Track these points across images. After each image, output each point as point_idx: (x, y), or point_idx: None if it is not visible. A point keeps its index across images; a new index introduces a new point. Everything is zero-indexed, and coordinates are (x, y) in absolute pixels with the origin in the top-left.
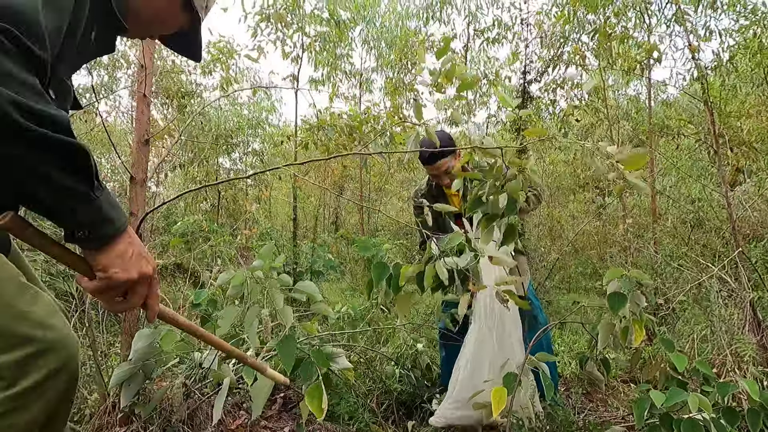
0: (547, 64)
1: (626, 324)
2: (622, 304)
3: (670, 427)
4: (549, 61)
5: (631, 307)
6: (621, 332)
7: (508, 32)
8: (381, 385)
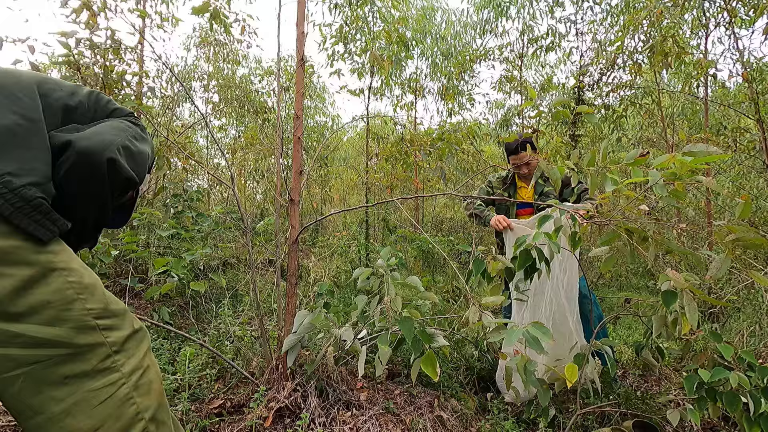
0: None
1: (676, 316)
2: (673, 300)
3: (714, 399)
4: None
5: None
6: (671, 323)
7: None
8: (464, 363)
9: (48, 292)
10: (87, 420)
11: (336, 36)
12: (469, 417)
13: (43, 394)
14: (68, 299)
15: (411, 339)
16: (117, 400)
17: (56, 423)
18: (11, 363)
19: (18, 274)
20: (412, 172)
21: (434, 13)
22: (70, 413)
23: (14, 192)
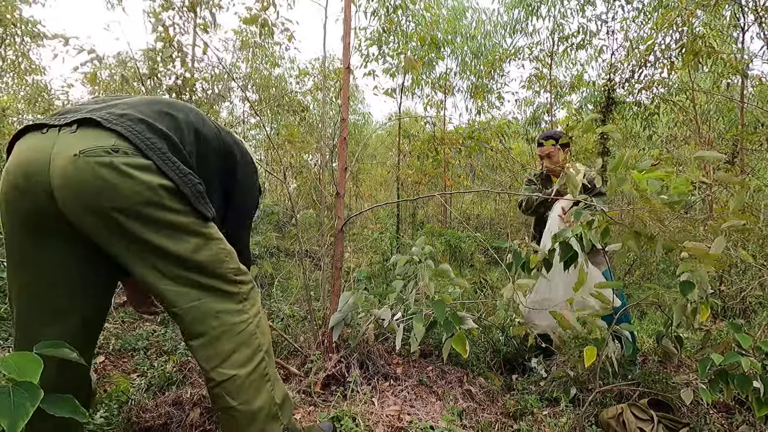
0: (632, 70)
1: (694, 306)
2: (690, 289)
3: (726, 381)
4: (635, 67)
5: (699, 292)
6: (690, 312)
7: (593, 38)
8: (491, 346)
9: (209, 254)
10: (229, 344)
11: (371, 39)
12: (496, 393)
13: (205, 322)
14: (220, 259)
15: (443, 320)
16: (247, 334)
17: (211, 343)
18: (188, 297)
19: (193, 241)
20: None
21: (464, 13)
22: (219, 338)
23: (194, 185)
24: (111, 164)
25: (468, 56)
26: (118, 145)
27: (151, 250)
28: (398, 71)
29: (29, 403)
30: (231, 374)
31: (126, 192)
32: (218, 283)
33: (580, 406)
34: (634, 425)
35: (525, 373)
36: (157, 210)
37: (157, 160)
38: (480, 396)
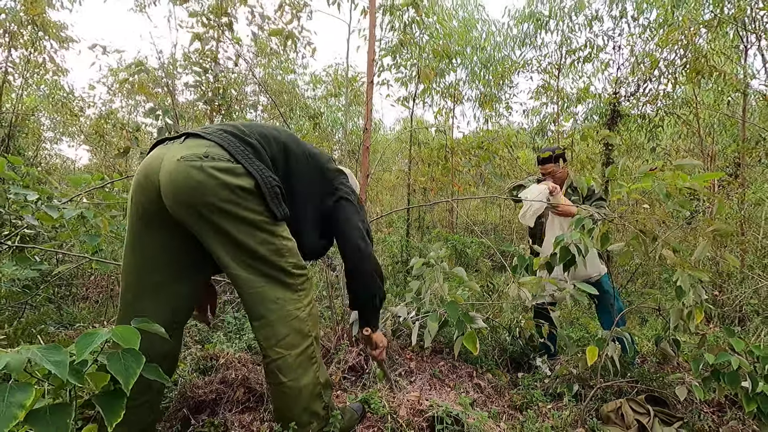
0: (637, 84)
1: (690, 309)
2: (684, 293)
3: (718, 379)
4: (639, 80)
5: (694, 297)
6: (686, 315)
7: (600, 53)
8: (499, 346)
9: (273, 248)
10: (284, 328)
11: (386, 49)
12: (503, 387)
13: (265, 306)
14: (282, 253)
15: (455, 319)
16: (300, 320)
17: (269, 325)
18: (253, 283)
19: (260, 235)
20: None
21: (475, 25)
22: (276, 321)
23: (272, 186)
24: (201, 168)
25: (477, 66)
26: (210, 152)
27: (229, 240)
28: (411, 80)
29: (135, 365)
30: (284, 354)
31: (210, 190)
32: (279, 274)
33: (582, 401)
34: (632, 418)
35: (530, 370)
36: (235, 206)
37: (244, 162)
38: (488, 390)
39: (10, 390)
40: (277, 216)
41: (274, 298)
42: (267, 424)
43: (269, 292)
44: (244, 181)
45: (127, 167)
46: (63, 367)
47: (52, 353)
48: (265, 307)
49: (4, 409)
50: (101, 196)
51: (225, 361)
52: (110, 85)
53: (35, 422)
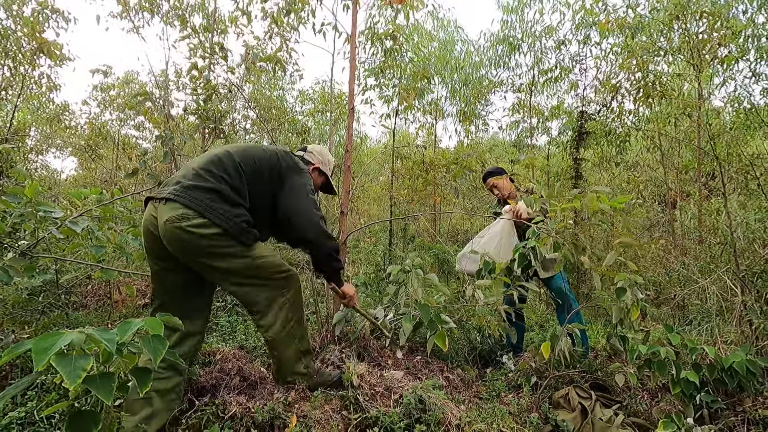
0: (602, 104)
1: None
2: (623, 293)
3: (649, 366)
4: (603, 101)
5: (632, 297)
6: (624, 313)
7: (568, 74)
8: (469, 344)
9: (254, 266)
10: (271, 318)
11: (369, 71)
12: (471, 380)
13: (258, 304)
14: (262, 266)
15: (428, 320)
16: (283, 309)
17: (262, 317)
18: (246, 290)
19: (242, 261)
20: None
21: (454, 45)
22: (266, 314)
23: (238, 225)
24: (182, 228)
25: (457, 84)
26: (184, 213)
27: (219, 270)
28: (393, 98)
29: (161, 347)
30: (273, 336)
31: (194, 243)
32: (266, 282)
33: (538, 390)
34: (576, 401)
35: (497, 366)
36: (216, 248)
37: (210, 216)
38: (457, 382)
39: (76, 358)
40: (248, 243)
41: (263, 298)
42: (260, 403)
43: (258, 294)
44: (214, 230)
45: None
46: (113, 342)
47: (104, 333)
48: (257, 305)
49: (71, 370)
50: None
51: (222, 356)
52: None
53: (89, 383)
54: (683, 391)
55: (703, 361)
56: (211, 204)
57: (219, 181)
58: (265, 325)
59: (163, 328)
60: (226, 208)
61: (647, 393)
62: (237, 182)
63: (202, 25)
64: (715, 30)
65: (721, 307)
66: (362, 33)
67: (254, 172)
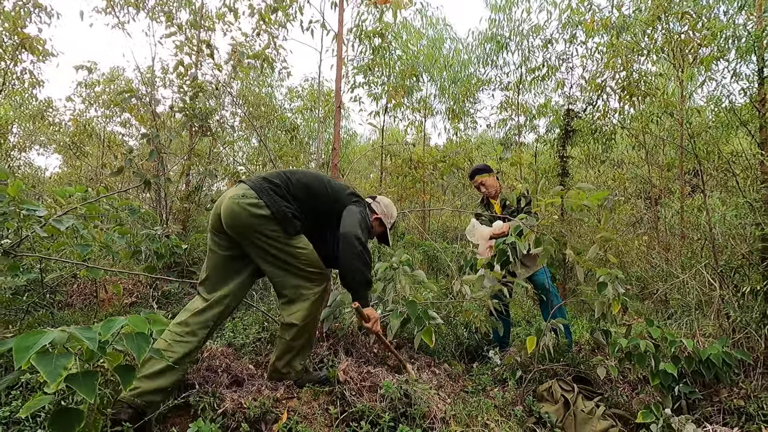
0: (588, 102)
1: (609, 301)
2: (604, 288)
3: (630, 359)
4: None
5: (613, 291)
6: (606, 307)
7: (555, 73)
8: (456, 340)
9: (291, 254)
10: (297, 306)
11: (358, 68)
12: (457, 375)
13: (286, 289)
14: (296, 256)
15: (415, 317)
16: (309, 302)
17: (288, 302)
18: (279, 274)
19: (279, 245)
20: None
21: (443, 43)
22: (293, 300)
23: (284, 213)
24: (238, 204)
25: (446, 81)
26: (245, 193)
27: (259, 247)
28: (382, 95)
29: (145, 345)
30: (294, 322)
31: (245, 219)
32: (295, 270)
33: (523, 383)
34: (560, 394)
35: (483, 361)
36: (259, 227)
37: (264, 198)
38: (444, 377)
39: (57, 356)
40: (289, 232)
41: (293, 284)
42: (251, 399)
43: (289, 280)
44: (264, 211)
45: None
46: (94, 341)
47: (86, 332)
48: (286, 289)
49: (52, 368)
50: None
51: (209, 354)
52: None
53: (71, 381)
54: (662, 383)
55: (682, 354)
56: (269, 191)
57: (283, 183)
58: (289, 310)
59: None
60: (278, 199)
61: (628, 385)
62: (299, 193)
63: (189, 21)
64: (696, 30)
65: (701, 301)
66: (350, 30)
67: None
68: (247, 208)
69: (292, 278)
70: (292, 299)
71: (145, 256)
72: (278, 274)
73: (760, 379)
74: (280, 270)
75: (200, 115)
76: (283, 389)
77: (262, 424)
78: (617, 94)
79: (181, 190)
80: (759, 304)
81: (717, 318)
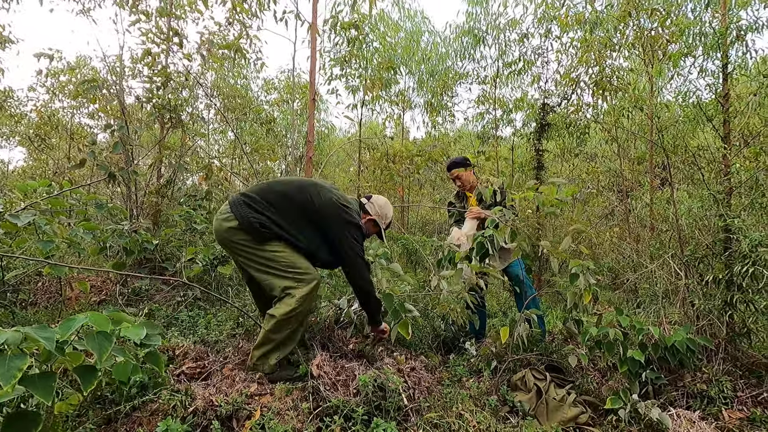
0: (563, 96)
1: (581, 292)
2: (576, 278)
3: (600, 347)
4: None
5: (584, 281)
6: (578, 297)
7: (531, 67)
8: (433, 332)
9: (266, 257)
10: (285, 307)
11: (335, 60)
12: (434, 367)
13: (275, 290)
14: (275, 259)
15: (392, 309)
16: (295, 300)
17: (278, 301)
18: (265, 277)
19: (252, 252)
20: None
21: (421, 36)
22: (282, 299)
23: (251, 223)
24: (217, 219)
25: (424, 74)
26: (222, 209)
27: (241, 256)
28: (358, 89)
29: (107, 344)
30: (274, 314)
31: (222, 232)
32: (278, 272)
33: (498, 373)
34: (532, 383)
35: (460, 352)
36: (233, 237)
37: (234, 210)
38: (420, 369)
39: (10, 357)
40: (258, 239)
41: (281, 285)
42: (222, 396)
43: (276, 281)
44: (232, 223)
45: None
46: (51, 341)
47: (42, 331)
48: (275, 291)
49: (5, 370)
50: (49, 204)
51: (182, 351)
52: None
53: (27, 384)
54: (630, 370)
55: (649, 341)
56: (241, 204)
57: (258, 195)
58: (275, 306)
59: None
60: (248, 211)
61: (598, 372)
62: (274, 201)
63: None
64: (665, 27)
65: (667, 289)
66: (326, 21)
67: (298, 208)
68: (222, 223)
69: (279, 280)
70: (280, 297)
71: (114, 252)
72: (264, 278)
73: (721, 364)
74: (263, 274)
75: (170, 106)
76: (256, 385)
77: (234, 422)
78: (590, 88)
79: (152, 184)
80: (721, 292)
81: (682, 306)
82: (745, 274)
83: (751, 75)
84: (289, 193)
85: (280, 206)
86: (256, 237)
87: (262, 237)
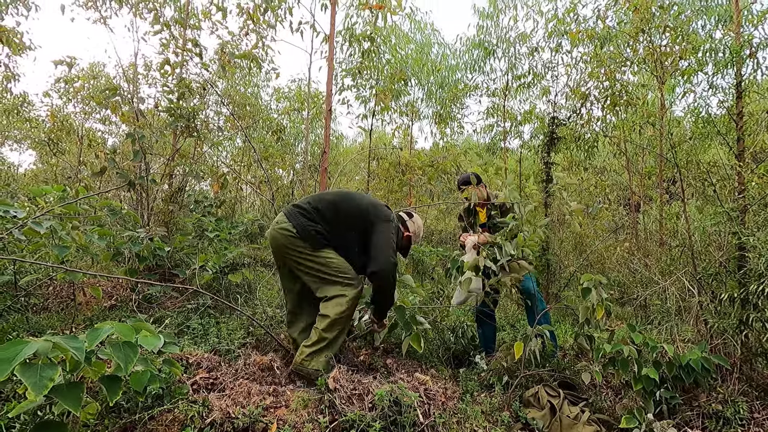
0: (573, 110)
1: (593, 306)
2: (588, 293)
3: (614, 365)
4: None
5: (597, 296)
6: (590, 312)
7: (541, 80)
8: (443, 345)
9: (319, 263)
10: (339, 307)
11: (347, 70)
12: (444, 380)
13: (326, 294)
14: (327, 265)
15: (403, 322)
16: (342, 304)
17: (327, 303)
18: (317, 283)
19: (309, 258)
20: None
21: (430, 47)
22: (331, 300)
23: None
24: (274, 229)
25: (433, 86)
26: (279, 219)
27: (294, 263)
28: (370, 98)
29: (133, 354)
30: (327, 314)
31: (280, 240)
32: (330, 276)
33: (509, 389)
34: (546, 399)
35: (470, 366)
36: (290, 245)
37: (292, 221)
38: (434, 383)
39: (41, 367)
40: (315, 246)
41: (331, 289)
42: (239, 408)
43: (326, 286)
44: (291, 231)
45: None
46: (81, 351)
47: (71, 341)
48: (325, 294)
49: (37, 380)
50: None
51: (194, 360)
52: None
53: (57, 393)
54: (644, 388)
55: (663, 359)
56: (297, 215)
57: (310, 204)
58: (326, 306)
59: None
60: (304, 220)
61: (611, 390)
62: (326, 211)
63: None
64: (677, 43)
65: (680, 307)
66: (340, 33)
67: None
68: (280, 231)
69: (329, 285)
70: (330, 298)
71: (126, 259)
72: (315, 282)
73: (736, 383)
74: (316, 278)
75: (186, 115)
76: (271, 398)
77: None
78: (600, 102)
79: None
80: (736, 310)
81: (695, 324)
82: (761, 293)
83: (762, 91)
84: (336, 203)
85: (329, 216)
86: (312, 244)
87: (319, 244)
